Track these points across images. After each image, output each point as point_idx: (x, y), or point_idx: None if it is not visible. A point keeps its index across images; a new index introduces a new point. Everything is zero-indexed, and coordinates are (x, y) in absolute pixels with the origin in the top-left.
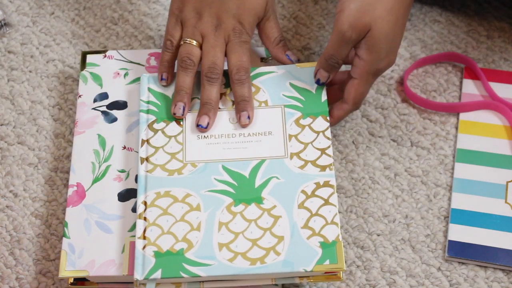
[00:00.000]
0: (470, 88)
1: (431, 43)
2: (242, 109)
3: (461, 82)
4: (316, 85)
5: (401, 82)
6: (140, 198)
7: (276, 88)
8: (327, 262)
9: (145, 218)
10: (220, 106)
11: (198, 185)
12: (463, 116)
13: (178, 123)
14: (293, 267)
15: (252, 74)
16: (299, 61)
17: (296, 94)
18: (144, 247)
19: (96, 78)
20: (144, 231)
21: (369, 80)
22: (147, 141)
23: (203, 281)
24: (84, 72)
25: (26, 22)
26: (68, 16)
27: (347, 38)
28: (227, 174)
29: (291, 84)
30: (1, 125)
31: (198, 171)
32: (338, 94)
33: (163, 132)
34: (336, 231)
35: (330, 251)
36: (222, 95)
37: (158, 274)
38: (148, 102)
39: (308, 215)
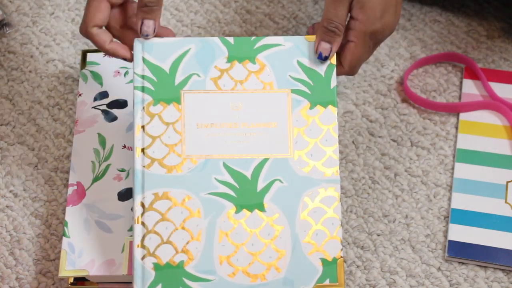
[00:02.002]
0: (470, 88)
1: (431, 43)
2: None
3: (461, 82)
4: (325, 67)
5: (401, 82)
6: (137, 198)
7: (282, 67)
8: (327, 281)
9: (143, 224)
10: (221, 87)
11: (198, 186)
12: (463, 116)
13: (177, 106)
14: (293, 285)
15: (256, 46)
16: (148, 36)
17: (304, 77)
18: (143, 258)
19: (96, 76)
20: (143, 238)
21: (366, 42)
22: (143, 128)
23: None
24: (84, 70)
25: (26, 22)
26: (68, 16)
27: None
28: (228, 174)
29: (299, 63)
30: (1, 125)
31: (197, 169)
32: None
33: (160, 118)
34: (338, 246)
35: (330, 269)
36: (223, 71)
37: None
38: (143, 77)
39: (310, 227)
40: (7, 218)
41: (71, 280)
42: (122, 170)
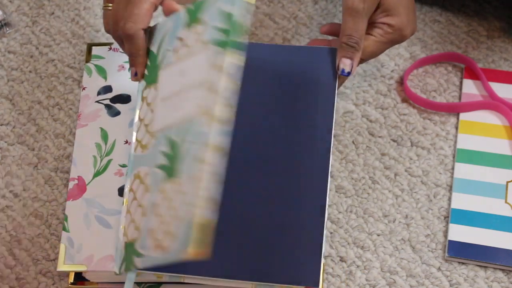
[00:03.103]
0: (470, 88)
1: (431, 43)
2: None
3: (461, 82)
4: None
5: (401, 82)
6: (127, 182)
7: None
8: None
9: (126, 201)
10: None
11: (152, 161)
12: (463, 116)
13: (155, 86)
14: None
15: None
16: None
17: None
18: (123, 235)
19: (101, 70)
20: (125, 216)
21: (387, 44)
22: (139, 116)
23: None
24: (88, 64)
25: (26, 22)
26: (68, 16)
27: (361, 11)
28: (168, 145)
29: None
30: (1, 125)
31: (156, 144)
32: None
33: (146, 101)
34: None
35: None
36: (182, 40)
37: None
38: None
39: None
40: (7, 218)
41: (71, 280)
42: (124, 166)
